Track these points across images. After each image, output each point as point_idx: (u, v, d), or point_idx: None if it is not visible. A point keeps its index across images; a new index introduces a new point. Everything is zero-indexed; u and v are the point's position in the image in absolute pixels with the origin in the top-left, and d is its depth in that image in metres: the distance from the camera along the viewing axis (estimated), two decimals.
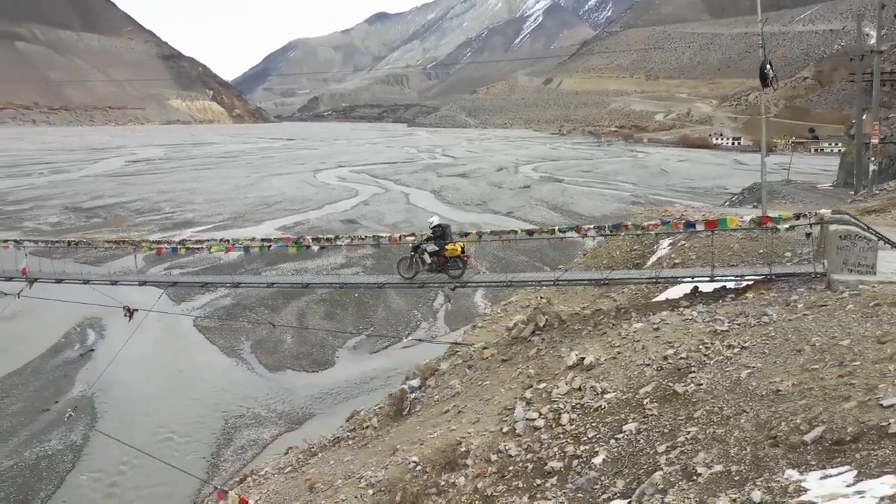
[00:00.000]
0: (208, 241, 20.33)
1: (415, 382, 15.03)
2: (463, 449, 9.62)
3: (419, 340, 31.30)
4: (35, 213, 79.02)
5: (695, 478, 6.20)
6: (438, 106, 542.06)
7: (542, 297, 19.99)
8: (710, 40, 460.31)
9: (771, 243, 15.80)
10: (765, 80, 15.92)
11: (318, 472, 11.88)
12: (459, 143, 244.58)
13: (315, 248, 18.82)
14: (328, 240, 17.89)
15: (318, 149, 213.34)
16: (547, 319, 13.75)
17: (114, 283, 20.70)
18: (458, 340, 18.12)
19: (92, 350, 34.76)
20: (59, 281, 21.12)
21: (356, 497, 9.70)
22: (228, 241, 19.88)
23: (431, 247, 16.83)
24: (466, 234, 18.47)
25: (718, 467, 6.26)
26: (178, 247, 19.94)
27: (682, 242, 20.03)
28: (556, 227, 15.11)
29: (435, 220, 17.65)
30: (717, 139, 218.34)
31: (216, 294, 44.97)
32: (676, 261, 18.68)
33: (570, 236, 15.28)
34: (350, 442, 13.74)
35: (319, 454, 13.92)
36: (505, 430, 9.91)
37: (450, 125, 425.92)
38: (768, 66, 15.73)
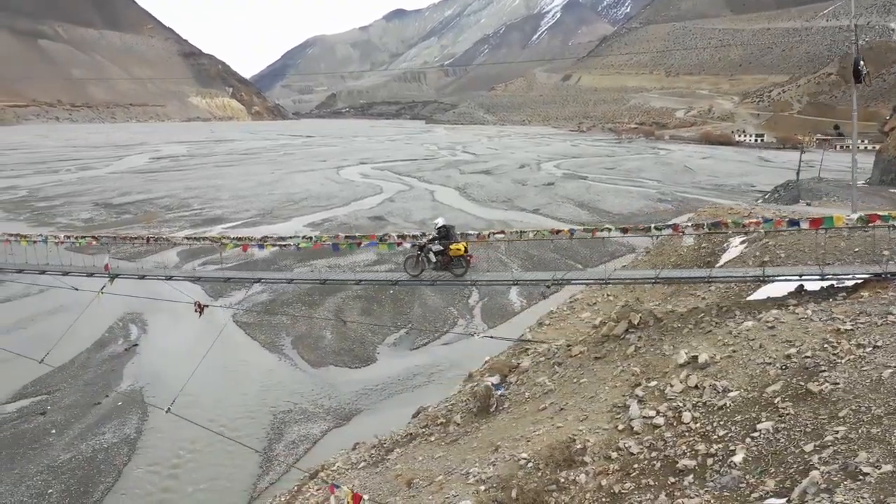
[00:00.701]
0: (292, 237, 20.66)
1: (495, 379, 15.06)
2: (578, 446, 9.62)
3: (491, 337, 31.32)
4: (66, 209, 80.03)
5: (861, 477, 6.16)
6: (456, 103, 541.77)
7: (609, 295, 19.89)
8: (731, 36, 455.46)
9: (867, 242, 15.60)
10: (858, 76, 15.64)
11: (409, 468, 11.94)
12: (479, 139, 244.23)
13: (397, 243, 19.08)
14: (402, 237, 18.00)
15: (339, 146, 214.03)
16: (641, 317, 13.70)
17: (196, 279, 21.15)
18: (528, 338, 18.07)
19: (136, 345, 35.20)
20: (142, 277, 21.58)
21: (468, 493, 9.74)
22: (312, 238, 20.22)
23: (437, 246, 17.56)
24: (469, 235, 19.00)
25: (888, 467, 6.22)
26: (264, 244, 20.21)
27: (766, 241, 19.55)
28: (653, 225, 15.01)
29: (440, 222, 18.33)
30: (740, 136, 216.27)
31: (252, 290, 45.22)
32: (764, 259, 18.30)
33: (667, 234, 15.20)
34: (431, 438, 13.80)
35: (397, 450, 13.99)
36: (620, 427, 9.91)
37: (468, 122, 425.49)
38: (861, 62, 15.39)
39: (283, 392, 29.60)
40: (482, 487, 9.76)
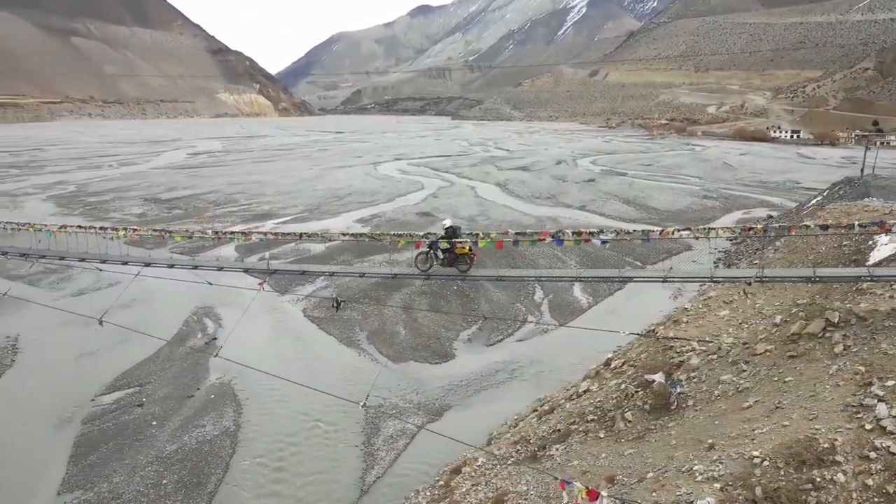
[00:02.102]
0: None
1: (658, 376, 14.98)
2: (825, 445, 9.55)
3: (636, 334, 31.37)
4: (118, 204, 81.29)
5: None
6: (482, 99, 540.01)
7: (746, 294, 19.66)
8: (763, 31, 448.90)
9: None
10: None
11: (596, 465, 11.93)
12: (509, 136, 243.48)
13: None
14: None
15: (370, 141, 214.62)
16: (840, 315, 13.53)
17: (362, 275, 21.93)
18: (670, 335, 17.94)
19: (214, 339, 35.61)
20: (303, 273, 22.33)
21: (704, 491, 9.69)
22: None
23: (444, 245, 19.24)
24: (475, 234, 20.21)
25: None
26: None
27: None
28: (856, 223, 14.78)
29: (447, 223, 19.92)
30: (775, 132, 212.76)
31: (317, 285, 45.62)
32: None
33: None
34: (599, 435, 13.78)
35: (555, 446, 13.97)
36: (868, 427, 9.83)
37: (494, 118, 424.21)
38: None
39: (368, 387, 29.69)
40: (717, 485, 9.73)
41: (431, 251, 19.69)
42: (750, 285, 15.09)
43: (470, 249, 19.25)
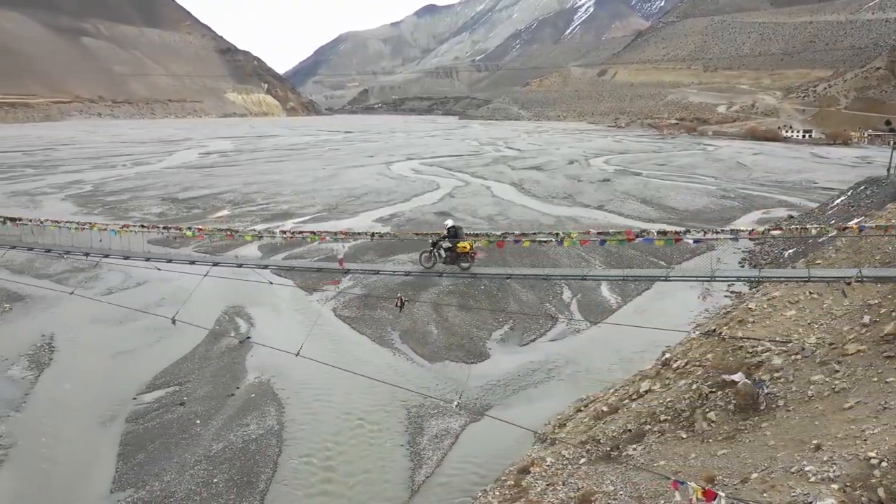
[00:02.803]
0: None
1: (738, 377, 14.90)
2: None
3: (703, 334, 31.34)
4: (136, 203, 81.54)
5: None
6: (489, 98, 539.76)
7: (812, 294, 19.56)
8: (772, 30, 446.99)
9: None
10: None
11: (686, 465, 11.87)
12: (518, 135, 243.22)
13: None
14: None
15: (380, 141, 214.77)
16: None
17: (376, 272, 21.93)
18: (737, 335, 17.85)
19: (248, 338, 35.62)
20: (376, 272, 22.64)
21: (821, 492, 9.63)
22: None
23: (446, 244, 20.03)
24: (477, 235, 21.41)
25: None
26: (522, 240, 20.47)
27: None
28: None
29: (449, 223, 20.63)
30: (787, 132, 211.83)
31: (344, 284, 45.60)
32: None
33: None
34: (681, 434, 13.72)
35: (632, 447, 13.92)
36: None
37: (502, 118, 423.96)
38: None
39: (408, 386, 29.71)
40: (834, 486, 9.67)
41: (434, 250, 20.48)
42: (850, 285, 14.99)
43: (471, 248, 20.00)
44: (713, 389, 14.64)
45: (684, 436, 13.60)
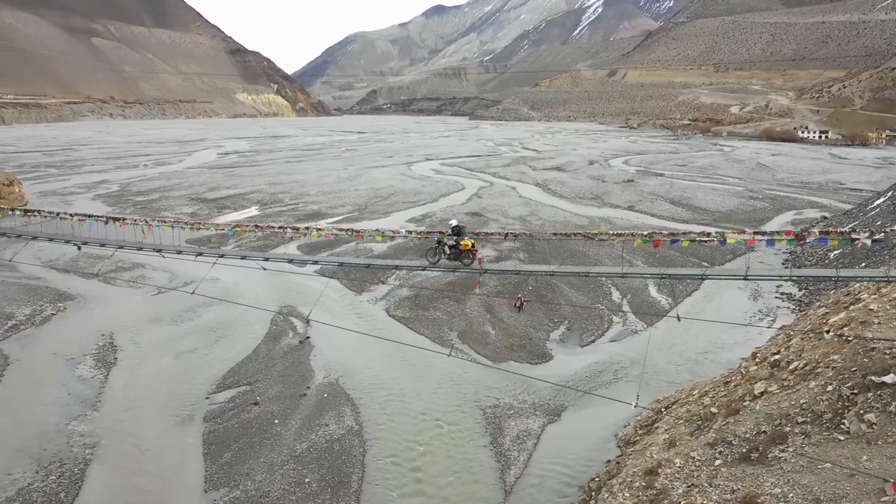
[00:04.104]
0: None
1: (889, 378, 14.77)
2: None
3: (845, 338, 31.41)
4: (166, 203, 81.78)
5: None
6: (499, 99, 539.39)
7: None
8: (784, 30, 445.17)
9: None
10: None
11: (859, 468, 11.77)
12: (532, 136, 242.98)
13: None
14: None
15: (395, 141, 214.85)
16: None
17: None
18: (866, 336, 17.70)
19: (308, 338, 35.63)
20: (514, 271, 23.47)
21: None
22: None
23: (451, 241, 21.58)
24: (478, 234, 23.10)
25: None
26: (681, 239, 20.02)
27: None
28: None
29: (454, 222, 22.46)
30: (803, 132, 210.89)
31: (391, 285, 45.58)
32: None
33: None
34: (837, 437, 13.64)
35: (774, 449, 13.81)
36: None
37: (512, 118, 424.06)
38: None
39: (476, 387, 29.68)
40: None
41: (439, 246, 21.90)
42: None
43: (472, 246, 21.55)
44: (855, 391, 14.53)
45: (841, 438, 13.52)
